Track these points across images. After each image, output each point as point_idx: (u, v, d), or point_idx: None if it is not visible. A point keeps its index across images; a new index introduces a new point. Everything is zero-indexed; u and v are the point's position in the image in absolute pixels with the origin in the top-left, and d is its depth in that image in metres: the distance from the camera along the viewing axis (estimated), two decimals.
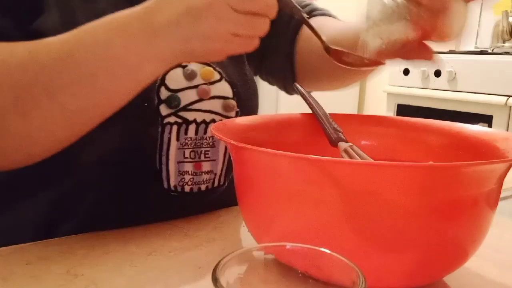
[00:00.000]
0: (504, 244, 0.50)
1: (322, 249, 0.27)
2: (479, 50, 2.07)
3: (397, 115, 1.99)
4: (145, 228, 0.52)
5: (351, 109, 2.75)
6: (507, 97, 1.64)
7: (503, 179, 0.37)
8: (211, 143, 0.56)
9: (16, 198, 0.55)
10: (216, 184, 0.58)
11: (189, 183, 0.55)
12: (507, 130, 1.63)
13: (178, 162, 0.54)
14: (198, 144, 0.55)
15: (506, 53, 1.80)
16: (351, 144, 0.48)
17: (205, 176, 0.56)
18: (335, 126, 0.50)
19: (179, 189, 0.55)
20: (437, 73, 1.87)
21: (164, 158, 0.53)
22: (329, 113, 0.53)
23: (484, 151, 0.43)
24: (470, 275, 0.42)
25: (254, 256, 0.28)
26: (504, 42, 1.93)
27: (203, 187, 0.57)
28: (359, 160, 0.45)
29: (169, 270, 0.42)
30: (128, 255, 0.45)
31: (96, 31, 0.42)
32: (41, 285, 0.39)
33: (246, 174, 0.40)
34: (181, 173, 0.54)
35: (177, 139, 0.53)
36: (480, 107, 1.73)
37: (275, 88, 0.76)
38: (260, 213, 0.39)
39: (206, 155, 0.56)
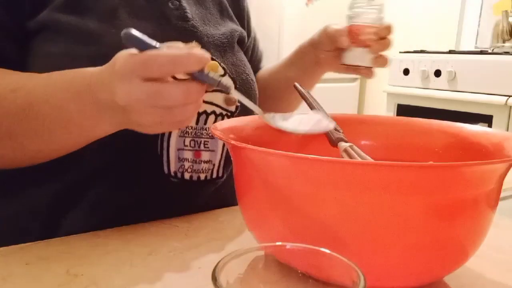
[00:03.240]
0: (504, 244, 0.50)
1: (322, 249, 0.27)
2: (479, 50, 2.07)
3: (397, 115, 1.99)
4: (145, 228, 0.52)
5: (351, 109, 2.75)
6: (507, 97, 1.64)
7: (503, 179, 0.37)
8: (210, 134, 0.58)
9: (22, 187, 0.56)
10: (214, 175, 0.60)
11: (189, 170, 0.57)
12: (507, 130, 1.63)
13: (178, 149, 0.56)
14: (198, 134, 0.57)
15: (506, 53, 1.80)
16: (351, 144, 0.48)
17: (204, 165, 0.58)
18: (336, 126, 0.50)
19: (179, 175, 0.57)
20: (437, 73, 1.87)
21: (165, 144, 0.55)
22: (329, 114, 0.53)
23: (484, 151, 0.43)
24: (470, 275, 0.42)
25: (254, 256, 0.28)
26: (504, 42, 1.93)
27: (202, 176, 0.59)
28: (359, 160, 0.45)
29: (169, 270, 0.42)
30: (128, 255, 0.45)
31: (55, 92, 0.45)
32: (41, 285, 0.39)
33: (246, 174, 0.40)
34: (181, 159, 0.56)
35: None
36: (480, 107, 1.72)
37: None
38: (260, 213, 0.39)
39: (206, 145, 0.58)
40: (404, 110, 2.00)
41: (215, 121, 0.58)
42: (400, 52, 2.09)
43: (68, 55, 0.51)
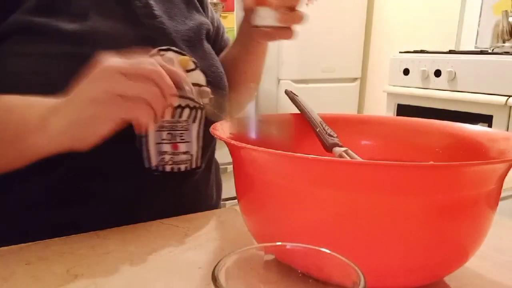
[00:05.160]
0: (504, 244, 0.50)
1: (322, 249, 0.27)
2: (479, 50, 2.07)
3: (397, 115, 1.99)
4: (145, 228, 0.52)
5: (351, 109, 2.75)
6: (507, 97, 1.64)
7: (503, 179, 0.37)
8: (185, 126, 0.60)
9: (12, 181, 0.56)
10: (194, 165, 0.62)
11: (170, 162, 0.59)
12: (507, 130, 1.63)
13: (157, 143, 0.58)
14: (174, 127, 0.59)
15: (506, 53, 1.79)
16: (346, 148, 0.48)
17: (183, 157, 0.60)
18: (329, 131, 0.50)
19: (160, 168, 0.58)
20: (437, 73, 1.87)
21: (143, 139, 0.56)
22: (329, 114, 0.53)
23: (484, 151, 0.43)
24: (470, 275, 0.42)
25: (254, 256, 0.28)
26: (504, 42, 1.92)
27: (182, 167, 0.60)
28: (359, 160, 0.45)
29: (169, 270, 0.42)
30: (128, 255, 0.45)
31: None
32: (41, 285, 0.39)
33: (246, 174, 0.40)
34: (161, 153, 0.58)
35: (154, 122, 0.55)
36: (480, 107, 1.72)
37: (275, 88, 0.80)
38: (260, 213, 0.39)
39: (182, 137, 0.60)
40: (404, 110, 2.00)
41: (189, 114, 0.60)
42: (400, 52, 2.09)
43: (43, 55, 0.52)
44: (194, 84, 0.58)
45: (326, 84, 2.64)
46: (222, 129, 0.45)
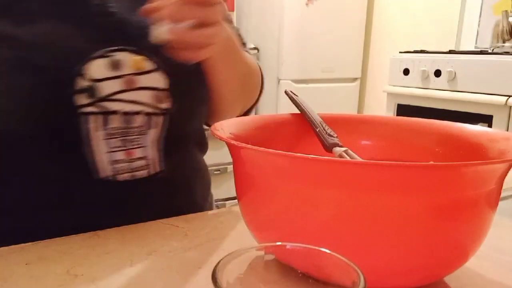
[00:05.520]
0: (504, 244, 0.50)
1: (322, 249, 0.27)
2: (479, 50, 2.07)
3: (397, 115, 1.99)
4: (145, 228, 0.52)
5: (351, 109, 2.76)
6: (507, 97, 1.64)
7: (503, 179, 0.37)
8: (141, 131, 0.56)
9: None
10: (153, 171, 0.58)
11: (125, 170, 0.56)
12: (507, 130, 1.63)
13: (108, 152, 0.54)
14: (125, 133, 0.55)
15: (506, 53, 1.79)
16: (346, 148, 0.48)
17: (139, 163, 0.57)
18: (329, 131, 0.50)
19: (113, 178, 0.55)
20: (437, 73, 1.87)
21: (88, 149, 0.53)
22: (329, 114, 0.53)
23: (484, 151, 0.43)
24: (470, 275, 0.42)
25: (254, 256, 0.28)
26: (504, 42, 1.92)
27: (140, 173, 0.57)
28: (359, 160, 0.45)
29: (169, 270, 0.42)
30: (128, 255, 0.45)
31: None
32: (41, 285, 0.39)
33: (246, 174, 0.40)
34: (114, 162, 0.55)
35: (97, 130, 0.53)
36: (480, 107, 1.72)
37: (275, 88, 0.79)
38: (260, 213, 0.39)
39: (136, 142, 0.56)
40: (404, 110, 2.00)
41: (146, 121, 0.56)
42: (400, 52, 2.09)
43: None
44: (149, 88, 0.55)
45: (326, 84, 2.64)
46: (222, 129, 0.45)
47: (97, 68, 0.52)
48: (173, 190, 0.63)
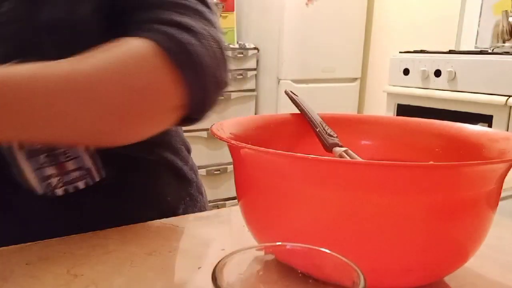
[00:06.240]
0: (504, 244, 0.50)
1: (322, 249, 0.27)
2: (479, 50, 2.07)
3: (397, 115, 1.99)
4: (145, 228, 0.52)
5: (351, 109, 2.76)
6: (507, 97, 1.64)
7: (503, 179, 0.37)
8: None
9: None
10: (92, 180, 0.55)
11: (60, 185, 0.53)
12: (507, 130, 1.63)
13: (36, 169, 0.51)
14: (51, 149, 0.51)
15: (506, 53, 1.79)
16: (346, 148, 0.48)
17: (75, 174, 0.53)
18: (329, 131, 0.50)
19: (50, 193, 0.52)
20: (437, 73, 1.87)
21: (16, 169, 0.51)
22: (329, 114, 0.53)
23: (484, 151, 0.43)
24: (470, 275, 0.42)
25: (254, 256, 0.28)
26: (504, 42, 1.92)
27: (79, 185, 0.54)
28: (359, 160, 0.45)
29: (169, 270, 0.42)
30: (128, 255, 0.45)
31: None
32: (41, 285, 0.39)
33: (246, 174, 0.40)
34: (45, 178, 0.52)
35: (19, 150, 0.50)
36: (480, 107, 1.72)
37: (275, 88, 0.77)
38: (260, 213, 0.39)
39: (66, 155, 0.53)
40: (404, 110, 2.00)
41: None
42: (400, 52, 2.09)
43: None
44: None
45: (326, 84, 2.64)
46: (222, 129, 0.45)
47: None
48: (128, 196, 0.59)
